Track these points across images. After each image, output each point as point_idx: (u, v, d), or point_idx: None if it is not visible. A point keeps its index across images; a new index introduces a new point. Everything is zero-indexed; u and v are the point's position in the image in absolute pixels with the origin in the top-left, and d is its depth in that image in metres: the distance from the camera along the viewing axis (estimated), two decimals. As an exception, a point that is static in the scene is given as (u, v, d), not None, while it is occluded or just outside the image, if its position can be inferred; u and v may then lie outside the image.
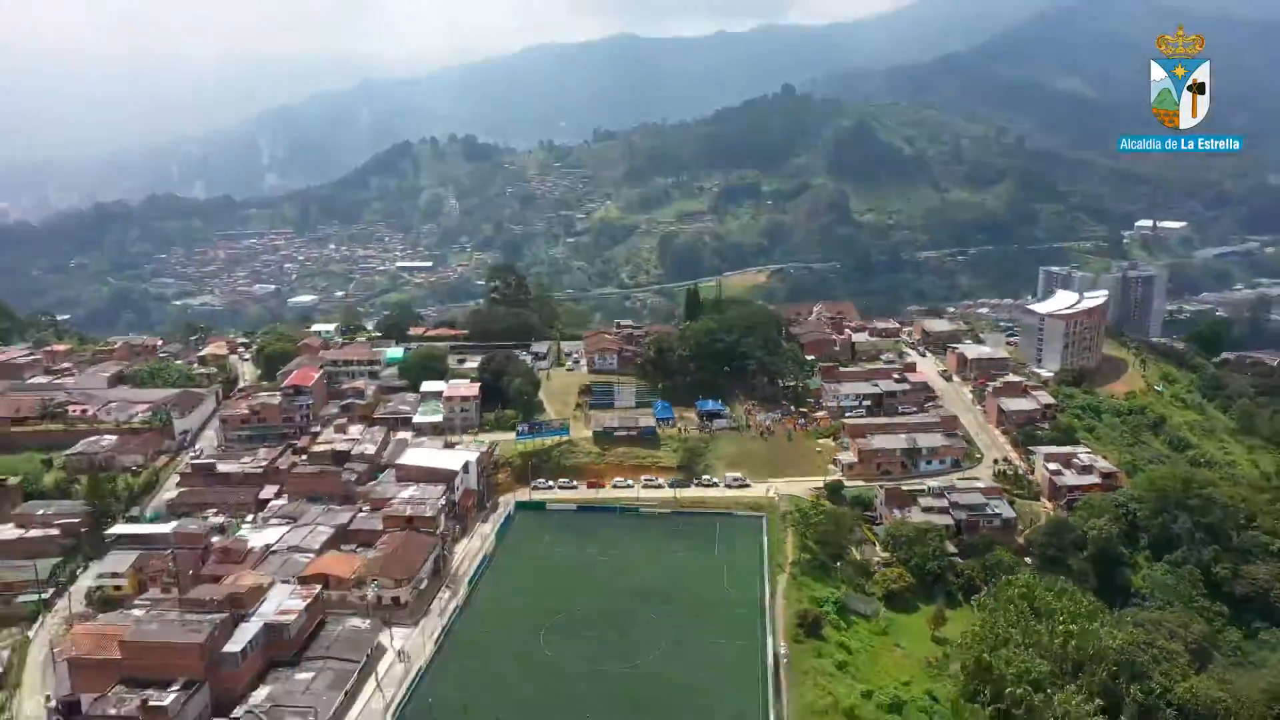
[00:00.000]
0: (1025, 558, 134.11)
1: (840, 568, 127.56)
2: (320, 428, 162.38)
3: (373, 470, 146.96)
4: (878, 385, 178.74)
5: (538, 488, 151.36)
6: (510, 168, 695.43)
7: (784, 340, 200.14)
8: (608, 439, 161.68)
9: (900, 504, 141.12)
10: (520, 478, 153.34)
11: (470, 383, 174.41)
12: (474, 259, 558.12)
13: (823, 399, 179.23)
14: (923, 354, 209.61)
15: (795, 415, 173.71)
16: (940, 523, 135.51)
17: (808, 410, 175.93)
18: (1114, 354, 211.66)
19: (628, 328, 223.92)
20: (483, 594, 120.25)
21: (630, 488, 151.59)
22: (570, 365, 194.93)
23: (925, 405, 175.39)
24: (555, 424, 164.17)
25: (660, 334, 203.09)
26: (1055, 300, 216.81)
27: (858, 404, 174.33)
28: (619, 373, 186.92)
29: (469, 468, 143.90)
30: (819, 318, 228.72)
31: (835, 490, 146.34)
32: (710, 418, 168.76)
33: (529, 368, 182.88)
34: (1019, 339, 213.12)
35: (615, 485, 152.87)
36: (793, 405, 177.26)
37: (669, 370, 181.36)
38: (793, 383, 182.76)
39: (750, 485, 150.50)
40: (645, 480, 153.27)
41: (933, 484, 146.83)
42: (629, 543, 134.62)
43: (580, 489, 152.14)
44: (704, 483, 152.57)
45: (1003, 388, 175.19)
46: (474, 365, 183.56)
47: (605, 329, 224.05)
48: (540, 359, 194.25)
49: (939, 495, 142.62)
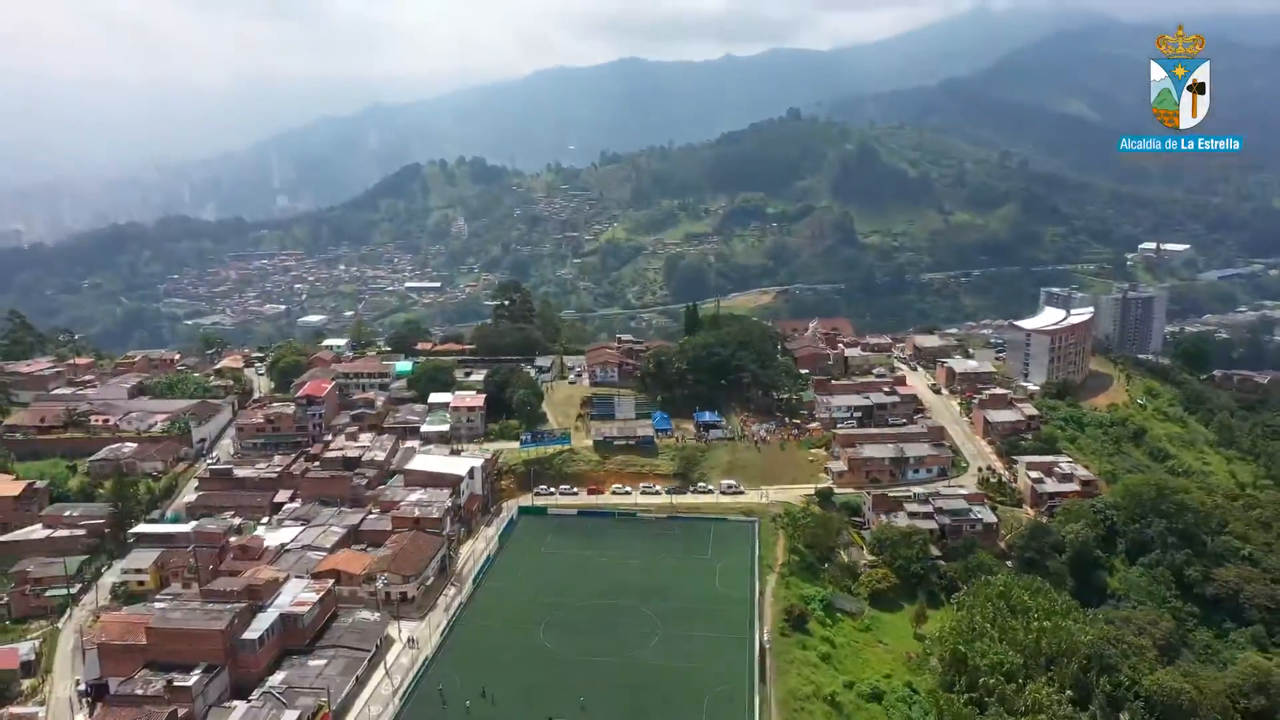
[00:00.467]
0: (1006, 561, 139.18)
1: (828, 569, 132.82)
2: (332, 436, 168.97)
3: (382, 476, 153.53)
4: (869, 398, 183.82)
5: (540, 493, 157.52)
6: (518, 189, 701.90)
7: (779, 354, 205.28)
8: (607, 448, 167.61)
9: (887, 509, 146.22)
10: (523, 484, 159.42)
11: (476, 394, 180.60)
12: (482, 279, 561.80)
13: (816, 411, 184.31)
14: (914, 368, 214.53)
15: (789, 426, 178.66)
16: (925, 527, 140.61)
17: (801, 421, 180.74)
18: (1101, 369, 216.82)
19: (628, 342, 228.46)
20: (486, 591, 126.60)
21: (629, 494, 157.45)
22: (572, 378, 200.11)
23: (914, 417, 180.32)
24: (557, 433, 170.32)
25: (659, 348, 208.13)
26: (1042, 317, 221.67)
27: (849, 415, 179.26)
28: (619, 385, 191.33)
29: (474, 474, 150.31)
30: (814, 333, 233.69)
31: (825, 497, 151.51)
32: (707, 428, 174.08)
33: (533, 380, 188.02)
34: (1006, 354, 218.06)
35: (614, 492, 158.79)
36: (786, 416, 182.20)
37: (668, 383, 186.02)
38: (787, 395, 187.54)
39: (744, 492, 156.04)
40: (643, 487, 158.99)
41: (918, 490, 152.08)
42: (626, 545, 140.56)
43: (581, 495, 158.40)
44: (700, 490, 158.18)
45: (989, 400, 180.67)
46: (480, 378, 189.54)
47: (607, 344, 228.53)
48: (544, 372, 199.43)
49: (924, 501, 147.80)
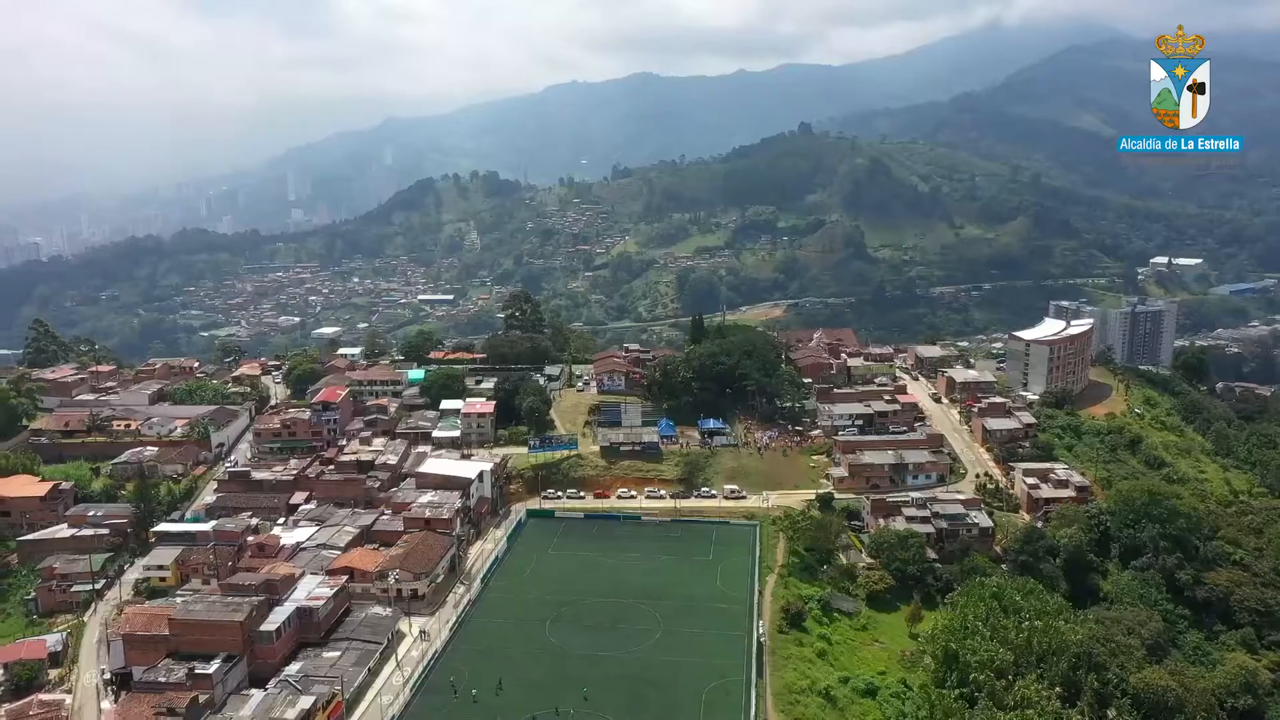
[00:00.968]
0: (1001, 564, 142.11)
1: (826, 571, 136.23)
2: (346, 440, 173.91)
3: (394, 479, 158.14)
4: (870, 406, 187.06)
5: (547, 497, 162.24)
6: (531, 203, 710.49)
7: (783, 364, 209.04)
8: (614, 453, 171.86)
9: (885, 513, 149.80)
10: (531, 488, 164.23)
11: (486, 401, 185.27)
12: (494, 292, 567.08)
13: (818, 418, 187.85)
14: (915, 378, 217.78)
15: (791, 433, 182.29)
16: (922, 531, 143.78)
17: (803, 429, 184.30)
18: (1100, 379, 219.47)
19: (635, 352, 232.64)
20: (494, 589, 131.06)
21: (634, 498, 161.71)
22: (580, 386, 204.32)
23: (914, 425, 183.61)
24: (565, 439, 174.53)
25: (665, 357, 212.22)
26: (1042, 327, 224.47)
27: (850, 423, 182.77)
28: (626, 393, 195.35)
29: (484, 477, 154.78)
30: (818, 344, 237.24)
31: (826, 501, 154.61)
32: (711, 435, 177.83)
33: (541, 388, 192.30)
34: (1006, 363, 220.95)
35: (620, 496, 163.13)
36: (789, 424, 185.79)
37: (673, 391, 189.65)
38: (789, 403, 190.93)
39: (747, 497, 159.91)
40: (648, 491, 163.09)
41: (916, 495, 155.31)
42: (630, 547, 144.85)
43: (587, 499, 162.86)
44: (703, 494, 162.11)
45: (987, 408, 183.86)
46: (490, 385, 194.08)
47: (614, 353, 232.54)
48: (553, 380, 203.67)
49: (921, 506, 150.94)
